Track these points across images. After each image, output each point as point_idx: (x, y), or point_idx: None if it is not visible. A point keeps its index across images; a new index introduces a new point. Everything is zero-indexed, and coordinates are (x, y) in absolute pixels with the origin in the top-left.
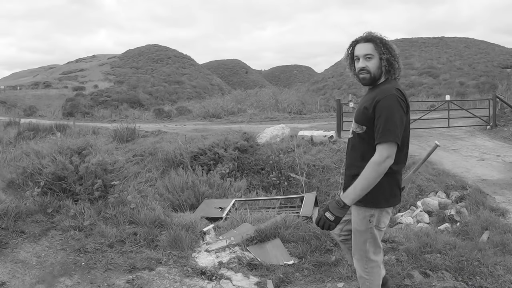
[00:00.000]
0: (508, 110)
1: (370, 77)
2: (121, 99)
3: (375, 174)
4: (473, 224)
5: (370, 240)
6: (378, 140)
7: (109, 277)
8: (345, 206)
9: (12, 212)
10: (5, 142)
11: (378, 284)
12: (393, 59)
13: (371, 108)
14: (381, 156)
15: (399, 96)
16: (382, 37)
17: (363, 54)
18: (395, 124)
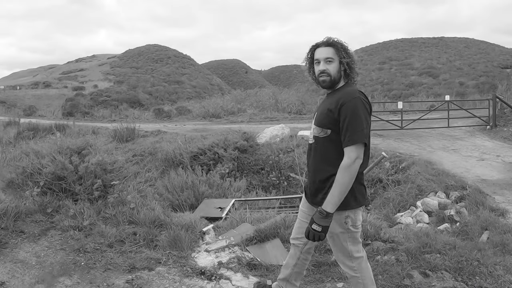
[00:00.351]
0: (508, 110)
1: (330, 80)
2: (121, 99)
3: (349, 177)
4: (472, 224)
5: (349, 240)
6: (347, 143)
7: (108, 277)
8: (328, 214)
9: (11, 212)
10: (5, 142)
11: (371, 277)
12: (352, 63)
13: (336, 111)
14: (350, 158)
15: (363, 98)
16: (342, 42)
17: (324, 57)
18: (362, 125)
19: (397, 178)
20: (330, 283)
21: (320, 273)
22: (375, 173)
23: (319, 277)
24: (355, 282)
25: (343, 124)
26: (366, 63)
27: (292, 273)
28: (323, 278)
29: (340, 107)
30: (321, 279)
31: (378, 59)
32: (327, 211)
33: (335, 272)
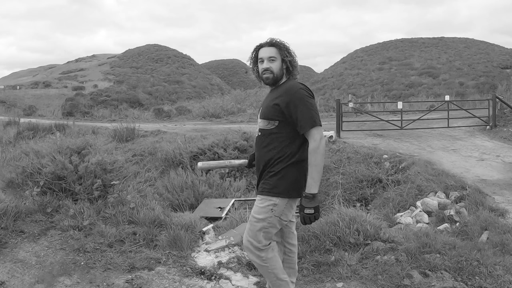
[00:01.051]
0: (508, 110)
1: (273, 77)
2: (121, 98)
3: (320, 157)
4: (472, 224)
5: (265, 229)
6: (305, 128)
7: (108, 277)
8: (314, 195)
9: (11, 212)
10: (5, 142)
11: (280, 266)
12: (293, 61)
13: (283, 104)
14: (315, 140)
15: (306, 89)
16: (284, 43)
17: (267, 56)
18: (313, 111)
19: (397, 178)
20: (330, 283)
21: (320, 273)
22: (375, 173)
23: (319, 277)
24: (265, 272)
25: (295, 114)
26: (366, 63)
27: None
28: (323, 278)
29: (288, 100)
30: (321, 279)
31: (378, 59)
32: (312, 193)
33: (335, 272)
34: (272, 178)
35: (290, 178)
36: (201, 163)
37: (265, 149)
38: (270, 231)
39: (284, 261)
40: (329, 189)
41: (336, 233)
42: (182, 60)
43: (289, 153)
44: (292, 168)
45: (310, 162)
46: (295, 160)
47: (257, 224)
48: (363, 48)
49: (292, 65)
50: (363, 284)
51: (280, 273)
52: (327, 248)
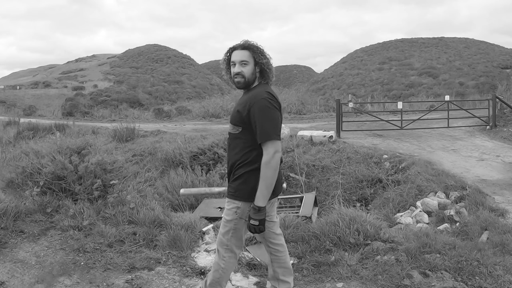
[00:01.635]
0: (508, 110)
1: (245, 81)
2: (121, 98)
3: (271, 171)
4: (472, 224)
5: (233, 231)
6: (261, 140)
7: (108, 277)
8: (260, 208)
9: (11, 212)
10: (5, 142)
11: (228, 277)
12: (267, 65)
13: (245, 111)
14: (268, 154)
15: (269, 98)
16: (258, 45)
17: (239, 60)
18: (273, 122)
19: (397, 178)
20: (330, 283)
21: (320, 273)
22: (375, 173)
23: (319, 277)
24: (215, 269)
25: (255, 124)
26: (366, 63)
27: (275, 270)
28: (323, 278)
29: (249, 108)
30: (321, 279)
31: (378, 59)
32: (259, 206)
33: (335, 272)
34: (235, 182)
35: (251, 183)
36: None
37: (231, 153)
38: (238, 232)
39: (273, 261)
40: (329, 189)
41: (336, 233)
42: (182, 60)
43: (251, 159)
44: (253, 174)
45: (261, 175)
46: (256, 166)
47: (226, 225)
48: (363, 48)
49: (265, 69)
50: (363, 284)
51: (223, 280)
52: (327, 248)
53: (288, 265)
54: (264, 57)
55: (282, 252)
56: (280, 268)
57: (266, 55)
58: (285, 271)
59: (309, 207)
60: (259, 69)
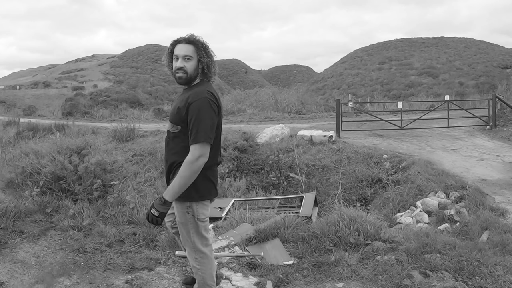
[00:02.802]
0: (508, 110)
1: (186, 77)
2: (121, 98)
3: (190, 172)
4: (472, 224)
5: (192, 231)
6: (192, 141)
7: (108, 277)
8: (166, 202)
9: (11, 212)
10: (5, 142)
11: (211, 274)
12: (210, 62)
13: (184, 110)
14: (194, 155)
15: (211, 98)
16: (203, 41)
17: (183, 54)
18: (207, 126)
19: (397, 178)
20: (330, 283)
21: (320, 273)
22: (375, 173)
23: (319, 277)
24: (195, 272)
25: (189, 122)
26: (365, 63)
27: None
28: (323, 278)
29: (188, 106)
30: (321, 279)
31: (377, 59)
32: (165, 199)
33: (335, 272)
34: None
35: (196, 182)
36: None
37: (170, 152)
38: (197, 231)
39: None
40: (329, 189)
41: (336, 233)
42: None
43: None
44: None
45: (180, 171)
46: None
47: (183, 228)
48: (363, 48)
49: (208, 67)
50: (364, 284)
51: (208, 279)
52: (327, 248)
53: None
54: (207, 55)
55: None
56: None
57: (211, 52)
58: None
59: (309, 207)
60: (201, 66)
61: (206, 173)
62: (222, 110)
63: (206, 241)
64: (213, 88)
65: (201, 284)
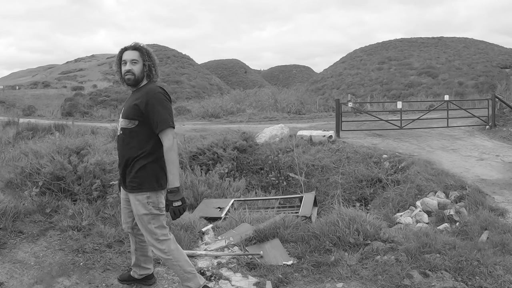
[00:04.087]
0: (507, 110)
1: (134, 78)
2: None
3: (175, 154)
4: (472, 224)
5: (153, 221)
6: (160, 128)
7: (107, 277)
8: (178, 188)
9: (10, 212)
10: (4, 142)
11: (185, 259)
12: (153, 66)
13: (142, 105)
14: (169, 139)
15: (164, 93)
16: (147, 47)
17: (130, 59)
18: (168, 113)
19: (396, 178)
20: (329, 283)
21: (320, 273)
22: (375, 173)
23: (319, 277)
24: (171, 265)
25: (153, 115)
26: (365, 63)
27: (138, 258)
28: (322, 278)
29: (146, 102)
30: (320, 279)
31: (377, 59)
32: (176, 186)
33: (335, 273)
34: (137, 175)
35: (155, 172)
36: None
37: (126, 147)
38: (157, 221)
39: (137, 250)
40: (328, 189)
41: (336, 233)
42: (182, 60)
43: (150, 150)
44: (154, 163)
45: (167, 159)
46: (155, 157)
47: (143, 219)
48: (363, 48)
49: (150, 69)
50: (363, 284)
51: (185, 266)
52: (326, 248)
53: (150, 253)
54: (150, 59)
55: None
56: (143, 256)
57: (153, 57)
58: (147, 259)
59: (308, 207)
60: (147, 69)
61: (161, 162)
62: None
63: (166, 231)
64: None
65: (181, 273)
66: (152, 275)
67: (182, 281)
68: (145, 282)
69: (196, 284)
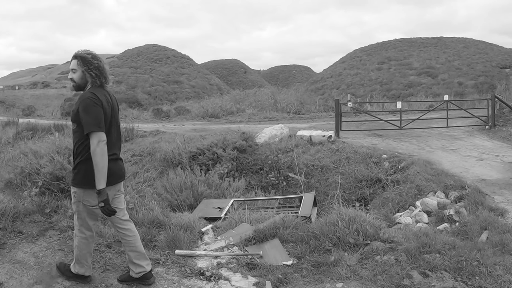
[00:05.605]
0: (507, 110)
1: (76, 85)
2: (120, 99)
3: (98, 158)
4: (472, 224)
5: (77, 213)
6: (86, 132)
7: (107, 278)
8: (100, 191)
9: (10, 212)
10: (4, 142)
11: (85, 255)
12: (93, 71)
13: (76, 109)
14: (93, 143)
15: (93, 97)
16: (85, 55)
17: (70, 68)
18: (93, 117)
19: (396, 178)
20: (329, 284)
21: (320, 273)
22: (375, 173)
23: (319, 277)
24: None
25: (81, 119)
26: (365, 63)
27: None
28: (322, 278)
29: (78, 107)
30: (320, 279)
31: (377, 59)
32: (98, 189)
33: (334, 273)
34: (73, 171)
35: (82, 172)
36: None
37: (74, 147)
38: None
39: (124, 245)
40: (328, 189)
41: (336, 233)
42: (181, 60)
43: (81, 151)
44: (82, 163)
45: (93, 162)
46: (85, 157)
47: (73, 208)
48: (362, 48)
49: (91, 75)
50: (363, 284)
51: (80, 257)
52: (326, 249)
53: (140, 249)
54: (87, 65)
55: (130, 236)
56: (132, 252)
57: (92, 63)
58: (137, 255)
59: (308, 207)
60: (88, 75)
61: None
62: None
63: (89, 227)
64: (102, 91)
65: (76, 258)
66: (151, 274)
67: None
68: (144, 281)
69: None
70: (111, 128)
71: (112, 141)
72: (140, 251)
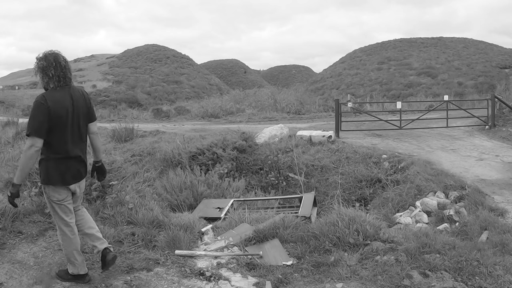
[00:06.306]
0: (507, 110)
1: (43, 87)
2: (120, 99)
3: (24, 159)
4: (472, 224)
5: (51, 210)
6: (26, 132)
7: (107, 278)
8: (14, 184)
9: (9, 212)
10: (3, 142)
11: (72, 251)
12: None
13: None
14: (26, 145)
15: (42, 101)
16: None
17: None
18: (33, 122)
19: (396, 178)
20: (329, 284)
21: (319, 273)
22: (374, 173)
23: (318, 278)
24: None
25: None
26: (364, 63)
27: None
28: (322, 279)
29: None
30: (320, 280)
31: (376, 59)
32: (13, 182)
33: (334, 273)
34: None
35: (43, 170)
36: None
37: None
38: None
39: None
40: (328, 189)
41: (336, 233)
42: (181, 60)
43: (43, 150)
44: (43, 161)
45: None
46: (45, 157)
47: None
48: (362, 48)
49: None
50: (363, 284)
51: (69, 256)
52: (326, 249)
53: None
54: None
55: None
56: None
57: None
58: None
59: (308, 207)
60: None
61: (57, 163)
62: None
63: (64, 221)
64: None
65: (66, 258)
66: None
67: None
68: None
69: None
70: (67, 128)
71: (66, 140)
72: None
